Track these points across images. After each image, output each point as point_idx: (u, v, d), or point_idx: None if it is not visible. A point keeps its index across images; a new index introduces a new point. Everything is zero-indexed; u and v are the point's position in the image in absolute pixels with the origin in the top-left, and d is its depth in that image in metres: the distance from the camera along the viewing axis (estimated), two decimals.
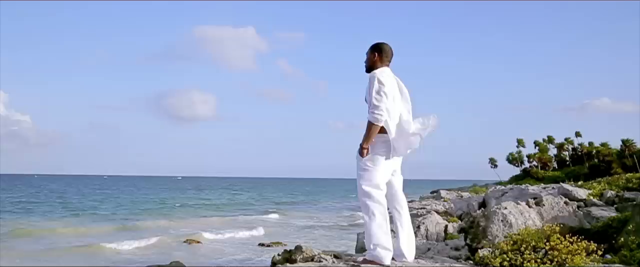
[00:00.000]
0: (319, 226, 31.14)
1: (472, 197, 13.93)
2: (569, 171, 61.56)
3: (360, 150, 3.42)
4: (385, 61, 3.60)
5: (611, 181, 11.48)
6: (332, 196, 79.07)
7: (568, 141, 71.05)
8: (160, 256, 18.18)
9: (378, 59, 3.61)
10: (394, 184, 3.58)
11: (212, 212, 40.23)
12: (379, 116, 3.32)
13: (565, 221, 5.38)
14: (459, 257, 7.99)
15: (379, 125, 3.35)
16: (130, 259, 16.76)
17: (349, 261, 3.39)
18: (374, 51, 3.65)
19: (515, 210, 5.27)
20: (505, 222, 5.14)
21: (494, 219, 5.17)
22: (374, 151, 3.42)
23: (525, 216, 5.26)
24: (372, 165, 3.39)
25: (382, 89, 3.35)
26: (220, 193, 79.18)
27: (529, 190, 12.11)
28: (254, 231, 27.11)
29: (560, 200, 5.58)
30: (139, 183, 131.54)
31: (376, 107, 3.33)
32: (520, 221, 5.18)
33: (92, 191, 75.89)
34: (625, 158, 55.07)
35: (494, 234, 5.09)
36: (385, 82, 3.40)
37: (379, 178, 3.40)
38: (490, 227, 5.13)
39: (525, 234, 3.81)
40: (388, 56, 3.62)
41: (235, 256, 18.69)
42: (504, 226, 5.12)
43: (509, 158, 74.56)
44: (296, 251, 3.46)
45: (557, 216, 5.37)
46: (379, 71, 3.49)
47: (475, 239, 5.21)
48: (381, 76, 3.42)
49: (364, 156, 3.39)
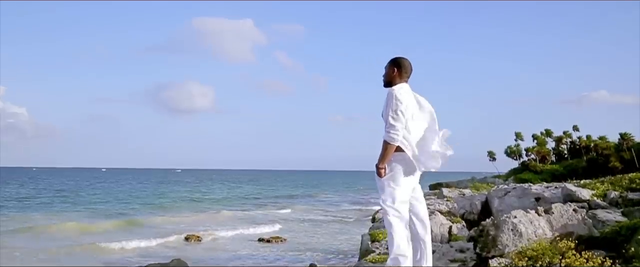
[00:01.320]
0: (321, 221, 31.25)
1: (475, 196, 13.91)
2: (567, 164, 61.70)
3: (378, 170, 3.39)
4: (404, 77, 3.54)
5: (614, 181, 11.45)
6: (333, 189, 79.31)
7: (566, 135, 71.11)
8: (160, 253, 18.22)
9: (397, 74, 3.55)
10: (413, 200, 3.56)
11: (212, 207, 40.33)
12: (395, 136, 3.28)
13: (574, 229, 5.36)
14: (465, 261, 7.99)
15: (395, 144, 3.32)
16: (130, 257, 16.75)
17: None
18: (393, 66, 3.59)
19: (524, 219, 5.24)
20: (516, 231, 5.11)
21: (504, 228, 5.15)
22: (393, 169, 3.38)
23: (535, 225, 5.24)
24: (393, 184, 3.37)
25: (400, 108, 3.30)
26: (219, 187, 79.31)
27: (532, 189, 12.07)
28: (254, 225, 27.18)
29: (569, 208, 5.56)
30: (138, 176, 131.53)
31: (392, 126, 3.29)
32: (530, 230, 5.16)
33: (91, 184, 75.90)
34: (623, 151, 55.19)
35: (503, 243, 5.07)
36: (403, 100, 3.35)
37: (400, 196, 3.38)
38: (500, 236, 5.11)
39: (539, 249, 3.79)
40: (407, 72, 3.55)
41: (236, 252, 18.71)
42: (514, 236, 5.09)
43: (508, 151, 74.63)
44: None
45: (566, 225, 5.35)
46: (397, 88, 3.44)
47: (485, 248, 5.19)
48: (399, 94, 3.37)
49: (382, 176, 3.36)
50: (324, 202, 48.99)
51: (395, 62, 3.60)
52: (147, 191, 61.09)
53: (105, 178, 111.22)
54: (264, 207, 40.68)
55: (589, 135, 67.87)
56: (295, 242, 21.47)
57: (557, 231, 5.29)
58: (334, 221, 31.21)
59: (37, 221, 26.69)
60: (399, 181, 3.38)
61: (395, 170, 3.38)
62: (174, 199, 46.30)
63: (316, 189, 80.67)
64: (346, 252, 18.42)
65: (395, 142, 3.30)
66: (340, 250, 19.42)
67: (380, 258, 8.05)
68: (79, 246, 18.35)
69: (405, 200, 3.43)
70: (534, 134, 73.03)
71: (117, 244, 18.89)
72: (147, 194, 54.68)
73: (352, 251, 18.70)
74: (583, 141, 66.64)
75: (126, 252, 17.66)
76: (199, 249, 19.50)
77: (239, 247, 19.71)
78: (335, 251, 18.98)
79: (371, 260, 8.00)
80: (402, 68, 3.56)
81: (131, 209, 35.31)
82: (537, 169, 60.36)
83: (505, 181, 56.41)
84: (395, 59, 3.61)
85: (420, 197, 3.64)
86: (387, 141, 3.30)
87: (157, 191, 60.47)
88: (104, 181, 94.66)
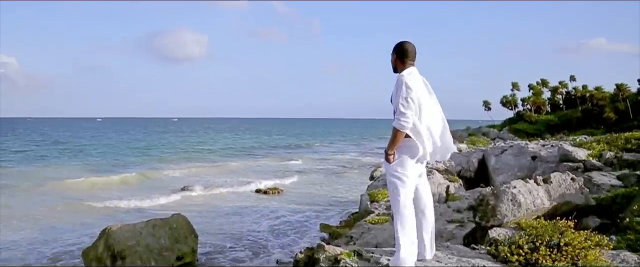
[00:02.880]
0: (318, 171, 31.67)
1: (471, 153, 14.09)
2: (562, 114, 62.05)
3: (386, 156, 3.45)
4: (409, 61, 3.56)
5: (610, 140, 11.59)
6: (329, 138, 79.84)
7: (562, 85, 71.16)
8: (159, 208, 18.48)
9: (399, 60, 3.59)
10: (419, 187, 3.65)
11: (211, 158, 40.64)
12: (405, 123, 3.32)
13: (571, 198, 5.50)
14: (462, 221, 8.21)
15: (405, 132, 3.36)
16: (129, 212, 16.92)
17: (373, 262, 3.49)
18: (395, 53, 3.63)
19: (524, 189, 5.37)
20: (515, 201, 5.25)
21: (503, 198, 5.28)
22: (401, 155, 3.45)
23: (534, 195, 5.36)
24: (402, 169, 3.44)
25: (410, 95, 3.33)
26: (218, 137, 79.62)
27: (529, 148, 12.25)
28: (253, 177, 27.51)
29: (567, 177, 5.68)
30: (135, 126, 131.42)
31: (402, 114, 3.32)
32: (529, 200, 5.29)
33: (92, 136, 75.85)
34: (618, 102, 55.38)
35: (503, 213, 5.21)
36: (413, 87, 3.37)
37: (408, 182, 3.46)
38: (500, 206, 5.25)
39: (540, 228, 3.91)
40: (410, 55, 3.57)
41: (234, 204, 19.01)
42: (513, 206, 5.23)
43: (503, 101, 74.86)
44: (319, 249, 3.54)
45: (564, 194, 5.48)
46: (407, 73, 3.45)
47: (484, 217, 5.33)
48: (409, 80, 3.38)
49: (391, 161, 3.43)
50: (320, 152, 49.44)
51: (396, 48, 3.64)
52: (146, 141, 61.28)
53: (102, 129, 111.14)
54: (262, 158, 41.05)
55: (585, 85, 67.95)
56: (295, 193, 21.81)
57: (555, 200, 5.43)
58: (331, 172, 31.62)
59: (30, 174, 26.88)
60: (406, 166, 3.45)
61: (404, 156, 3.45)
62: (174, 151, 46.51)
63: (312, 138, 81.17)
64: (345, 204, 18.76)
65: (405, 129, 3.34)
66: (339, 201, 19.79)
67: (380, 219, 8.27)
68: (79, 202, 18.54)
69: (412, 185, 3.52)
70: (530, 84, 73.04)
71: (117, 199, 19.14)
72: (146, 144, 54.91)
73: (350, 201, 19.05)
74: (579, 91, 66.77)
75: (126, 208, 17.88)
76: (196, 202, 19.79)
77: (238, 200, 19.99)
78: (334, 203, 19.32)
79: (371, 221, 8.22)
80: (403, 53, 3.58)
81: (131, 162, 35.52)
82: (532, 120, 60.73)
83: (499, 131, 56.76)
84: (397, 45, 3.64)
85: (426, 183, 3.72)
86: (397, 128, 3.34)
87: (156, 141, 60.63)
88: (102, 131, 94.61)
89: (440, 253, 3.86)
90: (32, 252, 11.75)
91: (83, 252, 9.90)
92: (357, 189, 21.84)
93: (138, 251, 9.89)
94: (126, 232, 10.08)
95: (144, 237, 10.21)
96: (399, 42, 3.64)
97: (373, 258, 3.54)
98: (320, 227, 14.45)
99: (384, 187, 10.74)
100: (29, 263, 11.05)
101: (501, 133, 54.07)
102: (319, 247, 3.54)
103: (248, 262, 11.59)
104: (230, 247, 12.75)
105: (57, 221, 14.80)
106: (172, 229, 11.34)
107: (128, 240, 9.95)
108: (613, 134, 13.91)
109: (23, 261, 11.17)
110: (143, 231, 10.38)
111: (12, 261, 11.11)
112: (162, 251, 10.28)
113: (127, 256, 9.65)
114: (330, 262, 3.40)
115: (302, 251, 3.70)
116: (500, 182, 11.35)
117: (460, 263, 3.58)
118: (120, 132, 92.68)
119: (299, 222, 15.66)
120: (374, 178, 13.35)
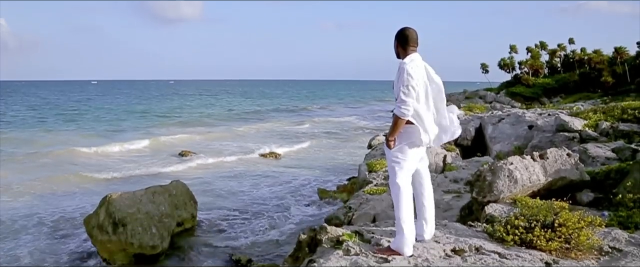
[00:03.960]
0: (319, 134, 31.86)
1: (469, 122, 14.15)
2: (560, 78, 61.82)
3: (387, 142, 3.51)
4: (410, 48, 3.57)
5: (607, 110, 11.65)
6: (325, 100, 79.69)
7: (561, 47, 70.59)
8: (156, 170, 18.64)
9: (401, 47, 3.61)
10: (420, 170, 3.72)
11: (208, 122, 40.66)
12: (406, 111, 3.36)
13: (567, 174, 5.59)
14: (459, 192, 8.36)
15: (405, 119, 3.41)
16: (129, 178, 17.00)
17: (373, 243, 3.59)
18: (397, 39, 3.64)
19: (520, 165, 5.45)
20: (511, 178, 5.34)
21: (500, 174, 5.37)
22: (401, 141, 3.50)
23: (530, 171, 5.45)
24: (402, 155, 3.50)
25: (411, 83, 3.35)
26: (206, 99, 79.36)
27: (526, 117, 12.31)
28: (252, 141, 27.66)
29: (563, 152, 5.75)
30: (132, 89, 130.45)
31: (403, 101, 3.35)
32: (525, 176, 5.38)
33: (84, 99, 75.35)
34: (616, 66, 55.15)
35: (499, 189, 5.31)
36: (414, 74, 3.39)
37: (408, 168, 3.53)
38: (496, 182, 5.34)
39: (535, 208, 4.01)
40: (412, 42, 3.57)
41: (235, 168, 19.15)
42: (509, 182, 5.33)
43: (501, 64, 74.35)
44: (321, 230, 3.64)
45: (559, 170, 5.57)
46: (409, 61, 3.46)
47: (481, 192, 5.44)
48: (410, 68, 3.40)
49: (392, 147, 3.49)
50: (321, 115, 49.47)
51: (398, 35, 3.64)
52: (144, 105, 61.02)
53: (99, 92, 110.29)
54: (262, 122, 41.06)
55: (584, 48, 67.44)
56: (295, 158, 21.97)
57: (551, 176, 5.53)
58: (331, 136, 31.81)
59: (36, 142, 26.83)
60: (406, 153, 3.51)
61: (404, 143, 3.51)
62: (174, 115, 46.30)
63: (309, 100, 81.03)
64: (343, 168, 18.94)
65: (405, 117, 3.39)
66: (337, 166, 19.97)
67: (378, 190, 8.41)
68: (79, 170, 18.56)
69: (411, 171, 3.59)
70: (528, 47, 72.41)
71: (117, 167, 19.25)
72: (145, 108, 54.75)
73: (349, 166, 19.23)
74: (577, 54, 66.30)
75: (126, 175, 17.92)
76: (194, 165, 19.94)
77: (235, 165, 20.10)
78: (332, 167, 19.51)
79: (369, 192, 8.36)
80: (405, 39, 3.59)
81: (130, 127, 35.42)
82: (529, 83, 60.50)
83: (497, 94, 56.67)
84: (398, 32, 3.65)
85: (426, 166, 3.79)
86: (398, 115, 3.39)
87: (154, 106, 60.20)
88: (98, 95, 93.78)
89: (438, 232, 3.97)
90: (32, 219, 11.87)
91: (85, 219, 10.05)
92: (356, 154, 22.06)
93: (139, 218, 10.04)
94: (126, 200, 10.22)
95: (144, 205, 10.36)
96: (401, 29, 3.65)
97: (374, 239, 3.64)
98: (318, 191, 14.70)
99: (381, 157, 10.86)
100: (29, 230, 11.19)
101: (498, 96, 54.02)
102: (321, 228, 3.63)
103: (247, 224, 11.79)
104: (229, 212, 12.96)
105: (57, 189, 14.84)
106: (172, 195, 11.51)
107: (128, 207, 10.09)
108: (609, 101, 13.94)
109: (24, 228, 11.30)
110: (143, 198, 10.53)
111: (13, 229, 11.23)
112: (162, 217, 10.46)
113: (128, 223, 9.81)
114: (332, 243, 3.50)
115: (305, 231, 3.80)
116: (497, 152, 11.49)
117: (457, 243, 3.69)
118: (117, 95, 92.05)
119: (298, 186, 15.88)
120: (371, 147, 13.45)
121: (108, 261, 9.64)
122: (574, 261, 3.68)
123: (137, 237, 9.67)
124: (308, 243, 3.71)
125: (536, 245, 3.77)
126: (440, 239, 3.78)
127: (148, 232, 9.96)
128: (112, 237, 9.57)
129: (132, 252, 9.59)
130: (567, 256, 3.75)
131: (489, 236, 4.05)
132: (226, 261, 9.53)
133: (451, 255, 3.52)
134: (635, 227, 4.50)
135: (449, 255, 3.51)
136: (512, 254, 3.63)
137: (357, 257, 3.26)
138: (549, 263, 3.59)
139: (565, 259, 3.70)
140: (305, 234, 3.73)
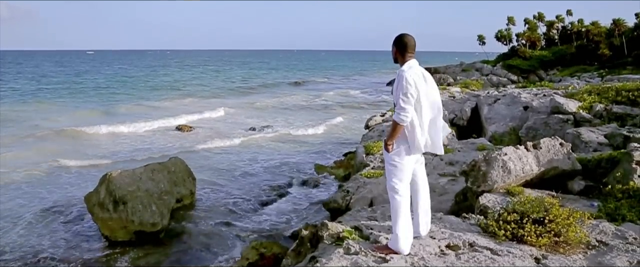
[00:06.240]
0: (317, 107, 31.92)
1: (465, 100, 14.26)
2: (557, 50, 61.60)
3: (386, 146, 3.65)
4: (408, 54, 3.69)
5: (601, 91, 11.76)
6: (321, 73, 79.14)
7: (559, 19, 70.10)
8: (153, 145, 18.70)
9: (399, 53, 3.74)
10: (417, 171, 3.87)
11: (201, 93, 40.51)
12: (405, 118, 3.50)
13: (559, 164, 5.75)
14: (455, 175, 8.52)
15: (404, 125, 3.55)
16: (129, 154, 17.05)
17: (372, 241, 3.75)
18: (395, 46, 3.78)
19: (514, 155, 5.59)
20: (505, 168, 5.50)
21: (494, 165, 5.52)
22: (399, 146, 3.64)
23: (523, 161, 5.60)
24: (399, 159, 3.65)
25: (410, 91, 3.48)
26: (203, 70, 78.82)
27: (521, 97, 12.42)
28: (245, 113, 27.67)
29: (555, 142, 5.89)
30: (131, 60, 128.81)
31: (402, 108, 3.49)
32: (518, 166, 5.54)
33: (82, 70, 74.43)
34: (614, 38, 54.93)
35: (493, 179, 5.47)
36: (413, 81, 3.51)
37: (405, 171, 3.68)
38: (491, 172, 5.50)
39: (527, 204, 4.17)
40: (409, 48, 3.71)
41: (232, 143, 19.21)
42: (503, 172, 5.49)
43: (498, 35, 73.84)
44: (322, 227, 3.79)
45: (552, 159, 5.72)
46: (407, 68, 3.58)
47: (476, 182, 5.60)
48: (409, 75, 3.52)
49: (390, 151, 3.63)
50: (312, 89, 49.29)
51: (396, 41, 3.78)
52: (144, 76, 60.51)
53: (97, 62, 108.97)
54: (258, 94, 40.96)
55: (581, 19, 67.00)
56: (291, 133, 22.00)
57: (544, 166, 5.68)
58: (327, 108, 31.86)
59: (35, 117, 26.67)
60: (403, 156, 3.68)
61: (402, 147, 3.66)
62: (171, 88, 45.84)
63: (304, 72, 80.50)
64: (341, 143, 19.04)
65: (404, 123, 3.53)
66: (335, 140, 20.08)
67: (375, 173, 8.57)
68: (78, 147, 18.57)
69: (409, 174, 3.74)
70: (526, 18, 71.82)
71: (116, 143, 19.27)
72: (145, 80, 54.36)
73: (346, 141, 19.36)
74: (575, 26, 65.89)
75: (125, 151, 17.97)
76: (190, 139, 20.02)
77: (230, 138, 20.11)
78: (329, 142, 19.62)
79: (366, 175, 8.52)
80: (403, 46, 3.72)
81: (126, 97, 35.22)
82: (526, 55, 60.26)
83: (493, 67, 56.57)
84: (396, 38, 3.78)
85: (422, 168, 3.93)
86: (397, 121, 3.53)
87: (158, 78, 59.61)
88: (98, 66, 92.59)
89: (434, 226, 4.14)
90: (33, 199, 11.96)
91: (85, 197, 10.19)
92: (353, 128, 22.18)
93: (139, 195, 10.20)
94: (126, 178, 10.35)
95: (143, 182, 10.50)
96: (399, 36, 3.78)
97: (372, 235, 3.80)
98: (315, 167, 14.88)
99: (379, 139, 11.00)
100: (30, 209, 11.29)
101: (495, 69, 53.98)
102: (322, 225, 3.79)
103: (245, 201, 11.97)
104: (227, 188, 13.13)
105: (57, 169, 14.85)
106: (171, 172, 11.66)
107: (128, 185, 10.23)
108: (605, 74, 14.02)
109: (24, 207, 11.40)
110: (142, 176, 10.67)
111: (13, 208, 11.33)
112: (162, 194, 10.61)
113: (128, 201, 9.97)
114: (333, 239, 3.66)
115: (306, 226, 3.96)
116: (492, 132, 11.65)
117: (452, 239, 3.86)
118: (114, 66, 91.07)
119: (295, 162, 16.02)
120: (369, 127, 13.56)
121: (109, 238, 9.83)
122: (562, 256, 3.86)
123: (137, 215, 9.84)
124: (310, 239, 3.87)
125: (527, 240, 3.95)
126: (435, 235, 3.95)
127: (148, 209, 10.13)
128: (113, 215, 9.72)
129: (133, 229, 9.77)
130: (556, 251, 3.93)
131: (482, 230, 4.22)
132: (226, 237, 9.75)
133: (446, 252, 3.70)
134: (622, 219, 4.68)
135: (444, 252, 3.69)
136: (503, 249, 3.81)
137: (357, 256, 3.42)
138: (538, 258, 3.77)
139: (554, 254, 3.88)
140: (307, 230, 3.89)
